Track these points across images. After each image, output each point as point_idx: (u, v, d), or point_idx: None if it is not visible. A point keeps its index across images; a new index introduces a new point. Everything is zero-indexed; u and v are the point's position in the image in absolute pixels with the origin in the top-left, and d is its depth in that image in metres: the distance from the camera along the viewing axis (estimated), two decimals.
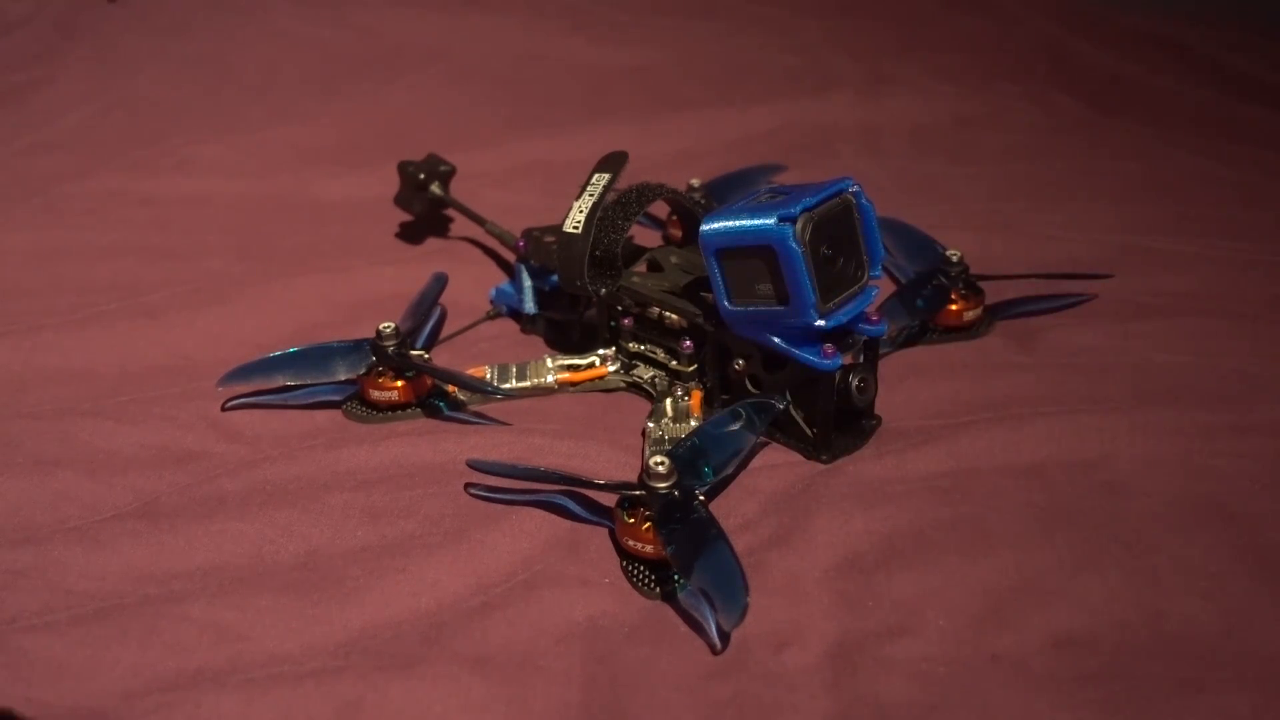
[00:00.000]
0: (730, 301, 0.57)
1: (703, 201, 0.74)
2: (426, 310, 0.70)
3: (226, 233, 0.88)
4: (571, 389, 0.66)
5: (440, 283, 0.72)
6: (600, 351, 0.67)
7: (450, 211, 0.86)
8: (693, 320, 0.62)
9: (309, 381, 0.64)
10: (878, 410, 0.61)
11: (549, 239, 0.69)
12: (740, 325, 0.58)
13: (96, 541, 0.54)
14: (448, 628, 0.49)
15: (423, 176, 0.82)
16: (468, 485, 0.57)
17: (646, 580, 0.51)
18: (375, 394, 0.63)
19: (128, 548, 0.53)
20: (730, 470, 0.55)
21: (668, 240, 0.81)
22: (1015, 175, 0.98)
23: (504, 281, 0.77)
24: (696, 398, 0.62)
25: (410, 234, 0.88)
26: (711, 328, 0.60)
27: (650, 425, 0.61)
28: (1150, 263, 0.78)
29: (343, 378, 0.64)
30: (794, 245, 0.52)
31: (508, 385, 0.65)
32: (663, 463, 0.50)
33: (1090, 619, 0.48)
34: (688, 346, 0.62)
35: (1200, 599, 0.49)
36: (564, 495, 0.55)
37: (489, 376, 0.65)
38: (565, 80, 1.19)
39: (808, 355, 0.56)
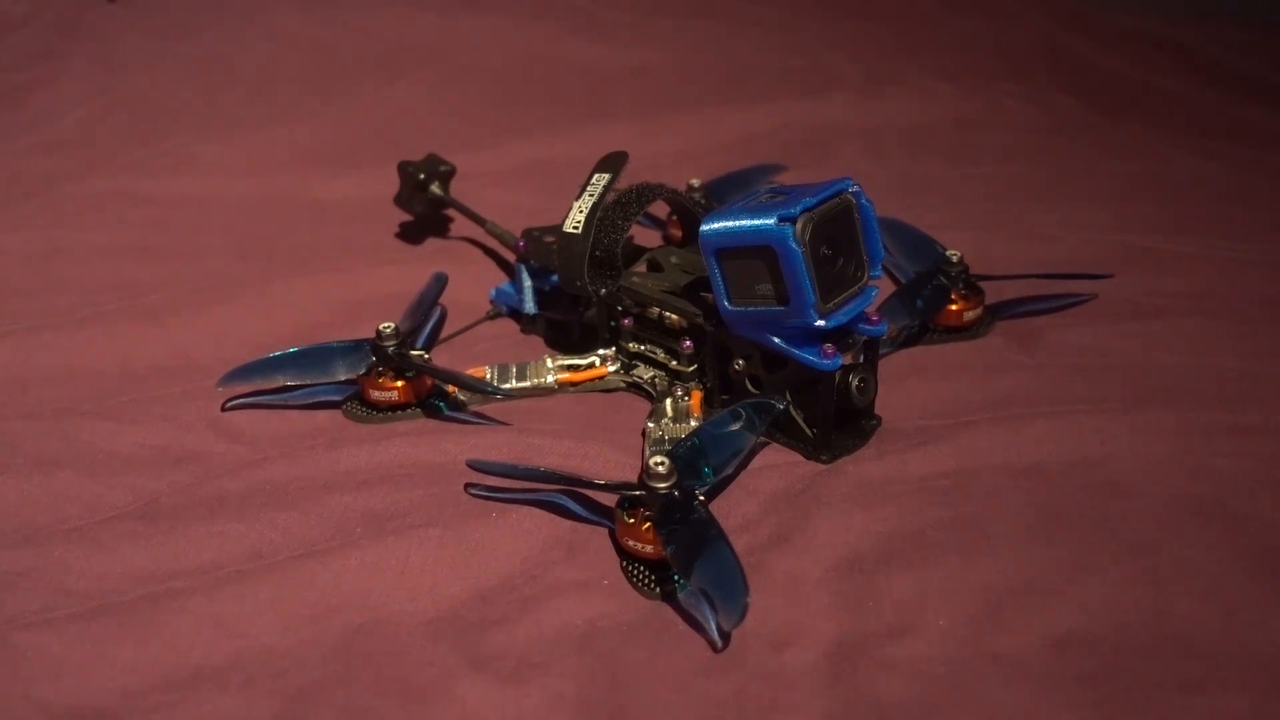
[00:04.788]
0: (730, 301, 0.57)
1: (703, 201, 0.74)
2: (426, 310, 0.70)
3: (226, 233, 0.88)
4: (571, 389, 0.66)
5: (440, 283, 0.72)
6: (600, 351, 0.67)
7: (450, 211, 0.86)
8: (693, 320, 0.62)
9: (309, 381, 0.64)
10: (878, 410, 0.61)
11: (549, 239, 0.69)
12: (740, 325, 0.58)
13: (96, 541, 0.54)
14: (447, 628, 0.49)
15: (423, 176, 0.82)
16: (468, 485, 0.57)
17: (646, 580, 0.51)
18: (375, 394, 0.63)
19: (128, 548, 0.53)
20: (730, 470, 0.55)
21: (668, 240, 0.81)
22: (1015, 175, 0.98)
23: (504, 281, 0.77)
24: (696, 398, 0.62)
25: (410, 234, 0.88)
26: (711, 328, 0.60)
27: (650, 425, 0.61)
28: (1150, 263, 0.78)
29: (343, 378, 0.64)
30: (794, 245, 0.52)
31: (508, 385, 0.65)
32: (663, 463, 0.50)
33: (1090, 619, 0.48)
34: (688, 346, 0.62)
35: (1200, 599, 0.49)
36: (564, 495, 0.55)
37: (489, 376, 0.65)
38: (565, 80, 1.19)
39: (808, 355, 0.56)
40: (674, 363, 0.64)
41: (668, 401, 0.61)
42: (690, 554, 0.48)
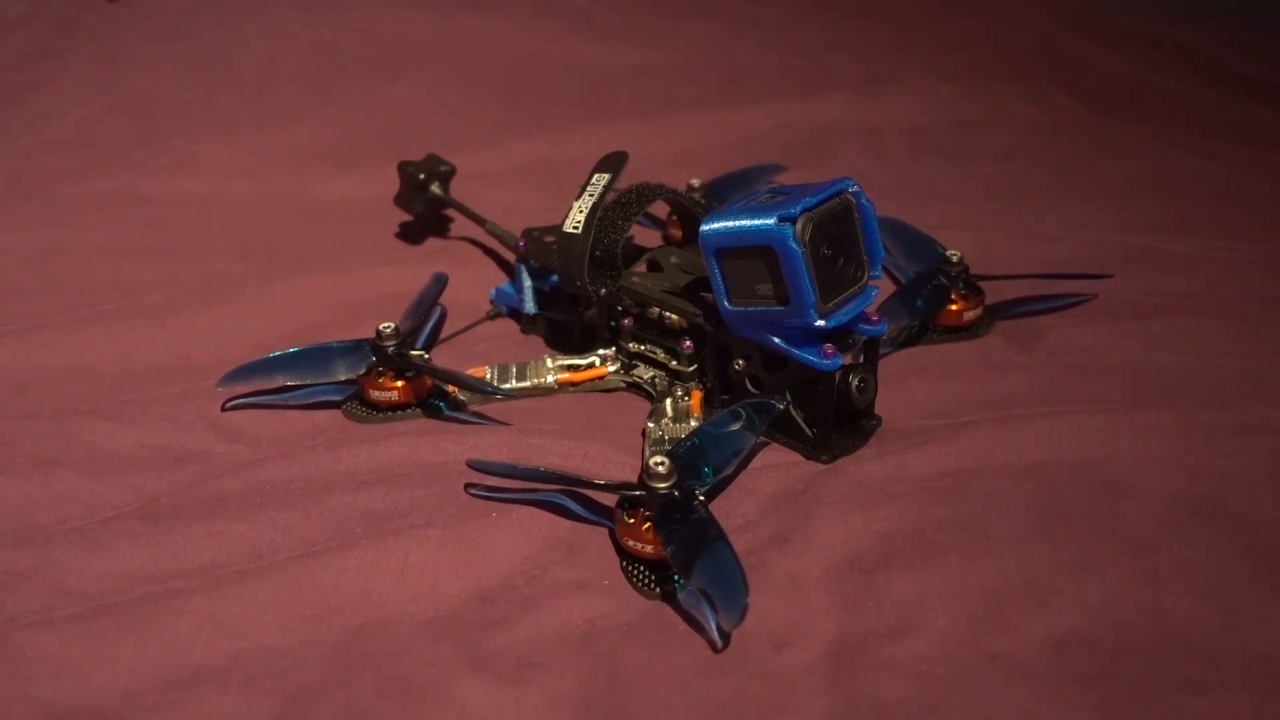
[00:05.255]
0: (730, 301, 0.57)
1: (703, 201, 0.74)
2: (426, 310, 0.70)
3: (226, 233, 0.88)
4: (571, 389, 0.66)
5: (440, 283, 0.72)
6: (600, 351, 0.67)
7: (450, 211, 0.86)
8: (693, 320, 0.62)
9: (309, 381, 0.64)
10: (878, 410, 0.61)
11: (549, 239, 0.69)
12: (740, 325, 0.58)
13: (96, 541, 0.54)
14: (447, 628, 0.49)
15: (423, 176, 0.82)
16: (467, 485, 0.57)
17: (646, 580, 0.51)
18: (375, 394, 0.63)
19: (128, 548, 0.53)
20: (730, 470, 0.55)
21: (668, 240, 0.82)
22: (1015, 175, 0.98)
23: (504, 281, 0.77)
24: (696, 398, 0.62)
25: (410, 234, 0.88)
26: (711, 328, 0.60)
27: (650, 425, 0.61)
28: (1150, 263, 0.78)
29: (343, 378, 0.64)
30: (794, 245, 0.52)
31: (508, 385, 0.65)
32: (663, 463, 0.50)
33: (1090, 619, 0.48)
34: (688, 346, 0.62)
35: (1200, 599, 0.49)
36: (564, 495, 0.55)
37: (489, 376, 0.65)
38: (565, 80, 1.19)
39: (808, 355, 0.56)
40: (674, 363, 0.64)
41: (668, 401, 0.61)
42: (690, 554, 0.48)
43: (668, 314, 0.63)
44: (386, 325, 0.63)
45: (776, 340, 0.57)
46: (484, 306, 0.76)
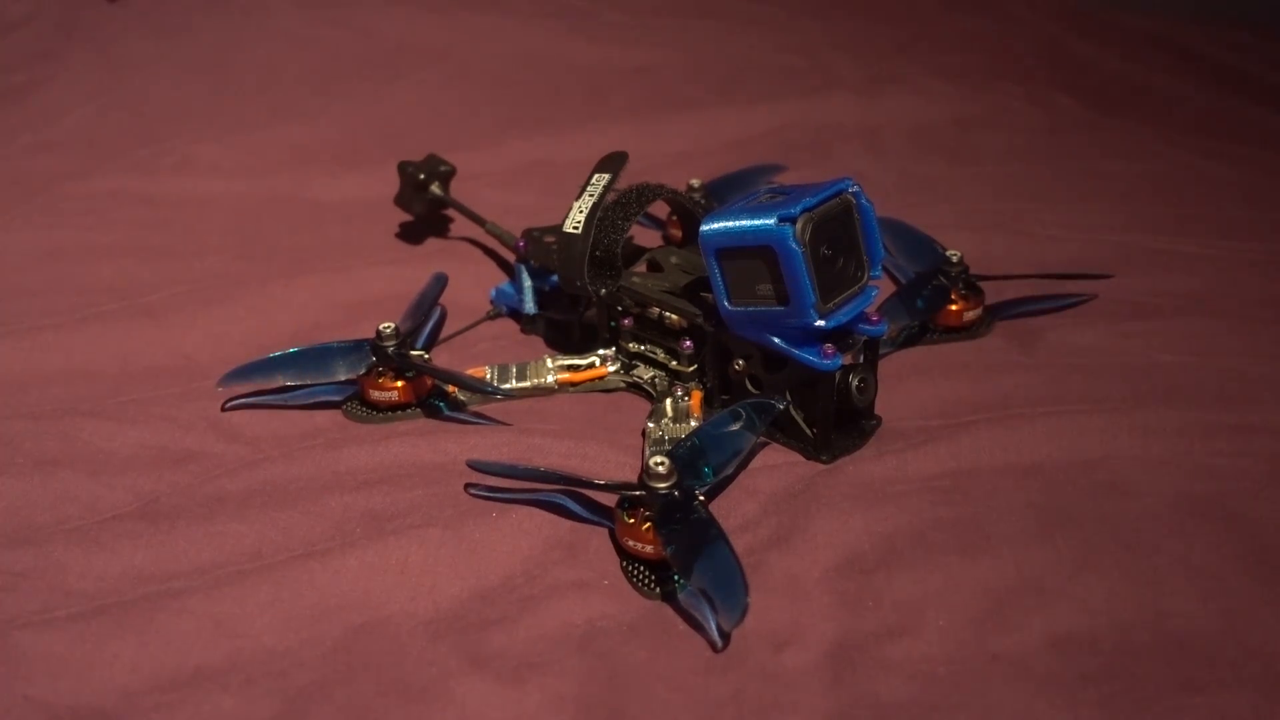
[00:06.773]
0: (730, 302, 0.57)
1: (703, 201, 0.74)
2: (426, 310, 0.70)
3: (226, 233, 0.88)
4: (571, 389, 0.66)
5: (440, 283, 0.72)
6: (600, 351, 0.67)
7: (450, 211, 0.86)
8: (693, 320, 0.62)
9: (309, 381, 0.64)
10: (878, 410, 0.61)
11: (549, 239, 0.69)
12: (740, 325, 0.58)
13: (96, 542, 0.54)
14: (447, 628, 0.49)
15: (423, 176, 0.82)
16: (467, 485, 0.57)
17: (646, 580, 0.51)
18: (375, 394, 0.63)
19: (128, 548, 0.53)
20: (730, 470, 0.55)
21: (668, 240, 0.82)
22: (1015, 175, 0.98)
23: (504, 281, 0.77)
24: (696, 398, 0.62)
25: (410, 234, 0.88)
26: (711, 328, 0.60)
27: (650, 425, 0.61)
28: (1150, 263, 0.78)
29: (343, 378, 0.64)
30: (794, 245, 0.52)
31: (508, 385, 0.65)
32: (663, 463, 0.50)
33: (1090, 619, 0.48)
34: (688, 346, 0.62)
35: (1200, 599, 0.49)
36: (564, 495, 0.55)
37: (489, 376, 0.65)
38: (565, 80, 1.19)
39: (808, 355, 0.56)
40: (674, 363, 0.64)
41: (668, 401, 0.61)
42: (690, 554, 0.48)
43: (668, 314, 0.63)
44: (386, 325, 0.63)
45: (776, 340, 0.57)
46: (484, 306, 0.76)
